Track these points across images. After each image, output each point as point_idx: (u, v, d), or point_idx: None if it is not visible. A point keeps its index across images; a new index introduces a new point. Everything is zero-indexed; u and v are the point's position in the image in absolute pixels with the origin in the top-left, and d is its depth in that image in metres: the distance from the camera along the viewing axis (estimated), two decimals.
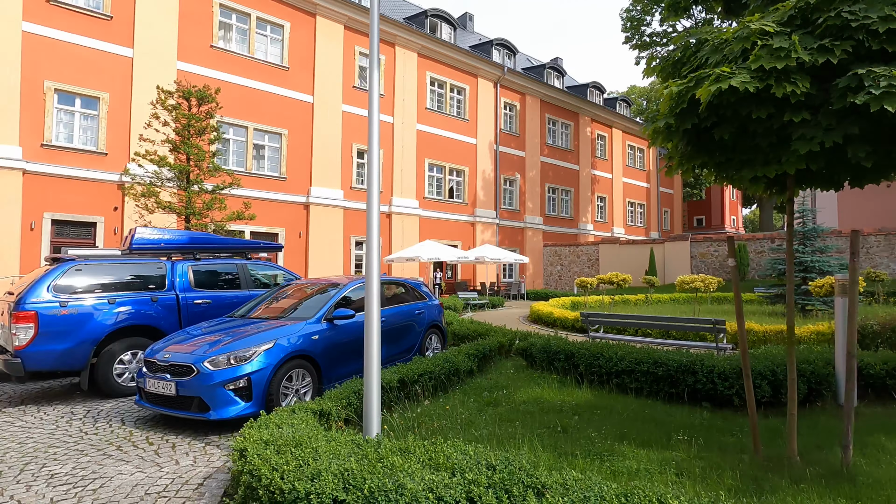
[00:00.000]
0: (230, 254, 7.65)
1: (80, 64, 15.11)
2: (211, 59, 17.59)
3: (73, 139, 15.17)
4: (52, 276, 5.48)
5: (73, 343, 5.44)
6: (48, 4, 14.69)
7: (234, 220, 12.84)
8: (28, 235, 14.25)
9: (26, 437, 4.41)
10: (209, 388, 4.24)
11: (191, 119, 12.35)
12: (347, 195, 21.18)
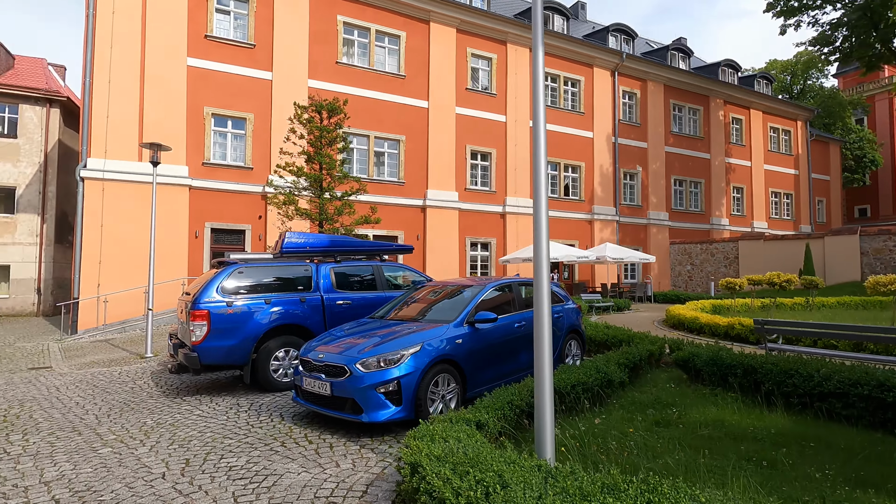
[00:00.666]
0: (364, 256, 7.88)
1: (231, 89, 17.01)
2: (336, 74, 18.77)
3: (226, 157, 17.12)
4: (219, 279, 6.00)
5: (238, 340, 5.90)
6: (206, 40, 16.76)
7: (361, 224, 13.44)
8: (193, 242, 16.34)
9: (204, 427, 4.79)
10: (362, 391, 4.24)
11: (322, 130, 13.20)
12: (462, 197, 21.28)
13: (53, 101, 21.92)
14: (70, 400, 6.16)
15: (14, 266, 21.05)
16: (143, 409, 5.55)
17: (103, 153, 15.14)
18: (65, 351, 11.22)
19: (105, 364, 9.15)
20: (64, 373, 8.33)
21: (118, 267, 14.98)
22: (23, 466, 3.83)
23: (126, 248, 15.09)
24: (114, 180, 15.19)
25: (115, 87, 15.33)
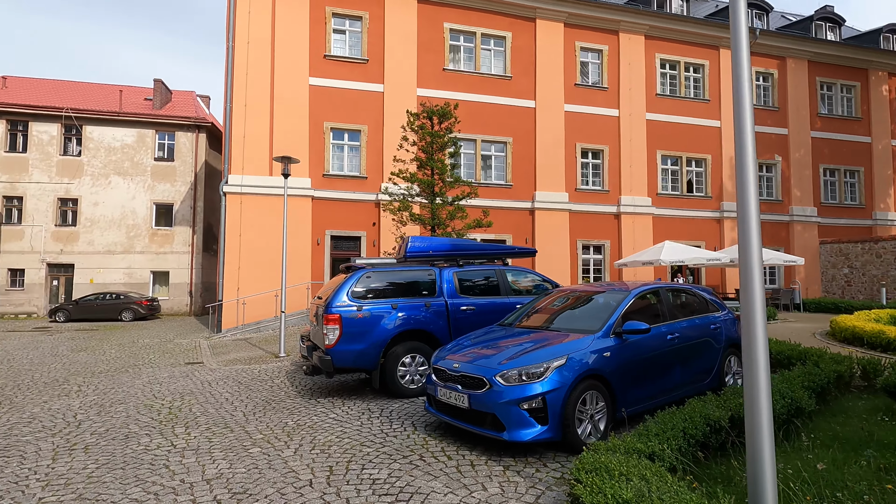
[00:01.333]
0: (485, 259, 7.60)
1: (347, 104, 17.96)
2: (443, 81, 18.96)
3: (343, 168, 18.08)
4: (349, 283, 6.09)
5: (368, 344, 5.92)
6: (324, 60, 17.89)
7: (473, 228, 13.27)
8: (315, 249, 17.44)
9: (341, 432, 4.79)
10: (503, 406, 3.89)
11: (434, 136, 13.29)
12: (573, 197, 20.30)
13: (201, 127, 24.98)
14: (220, 395, 6.64)
15: (172, 272, 24.25)
16: (283, 409, 5.76)
17: (241, 169, 16.79)
18: (212, 348, 12.46)
19: (246, 362, 9.92)
20: (213, 369, 9.16)
21: (254, 272, 16.47)
22: (187, 461, 4.05)
23: (260, 255, 16.55)
24: (249, 194, 16.76)
25: (250, 109, 16.95)
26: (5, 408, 6.15)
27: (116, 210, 23.69)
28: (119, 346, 13.16)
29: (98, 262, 23.45)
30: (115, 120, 23.84)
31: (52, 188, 23.14)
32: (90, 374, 8.80)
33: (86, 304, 20.68)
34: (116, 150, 23.89)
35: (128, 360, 10.54)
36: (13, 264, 22.64)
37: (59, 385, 7.74)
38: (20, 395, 7.03)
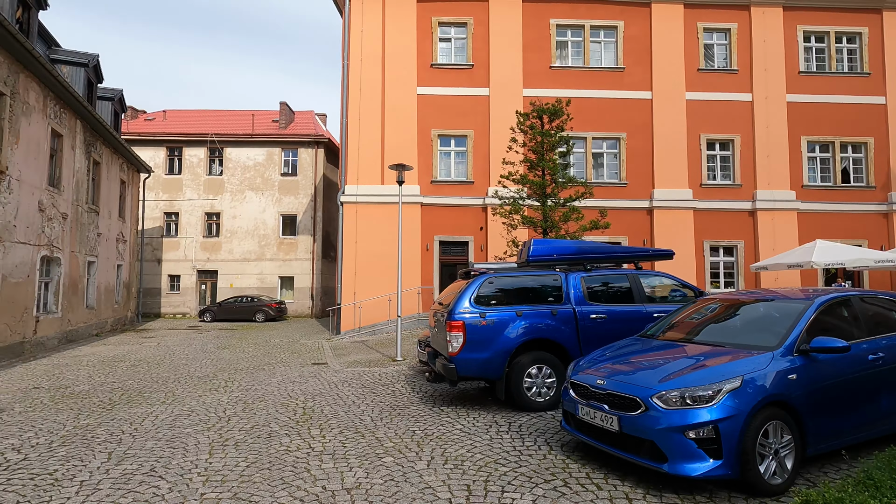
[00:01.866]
0: (614, 263, 6.97)
1: (453, 110, 18.10)
2: (550, 79, 18.31)
3: (450, 173, 18.24)
4: (472, 289, 5.88)
5: (492, 353, 5.66)
6: (431, 69, 18.23)
7: (589, 230, 12.51)
8: (424, 255, 17.76)
9: (472, 446, 4.57)
10: (664, 433, 3.36)
11: (544, 135, 12.78)
12: (697, 194, 18.38)
13: (320, 143, 26.93)
14: (347, 398, 6.82)
15: (296, 277, 26.35)
16: (409, 416, 5.70)
17: (356, 180, 17.68)
18: (334, 349, 13.14)
19: (366, 364, 10.25)
20: (337, 370, 9.57)
21: (368, 277, 17.21)
22: (326, 466, 4.08)
23: (373, 261, 17.25)
24: (364, 203, 17.58)
25: (364, 122, 17.81)
26: (169, 399, 6.88)
27: (250, 222, 26.39)
28: (255, 344, 14.45)
29: (236, 269, 26.29)
30: (248, 141, 26.63)
31: (200, 204, 26.46)
32: (233, 370, 9.66)
33: (227, 305, 23.23)
34: (250, 168, 26.66)
35: (263, 358, 11.46)
36: (172, 271, 26.24)
37: (209, 380, 8.57)
38: (180, 387, 7.87)
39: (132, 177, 21.00)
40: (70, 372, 9.66)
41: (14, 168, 11.30)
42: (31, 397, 7.19)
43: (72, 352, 12.76)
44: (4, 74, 10.83)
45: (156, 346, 13.90)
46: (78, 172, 15.06)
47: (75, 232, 14.86)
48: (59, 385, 8.21)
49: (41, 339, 12.78)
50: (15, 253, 11.41)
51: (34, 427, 5.40)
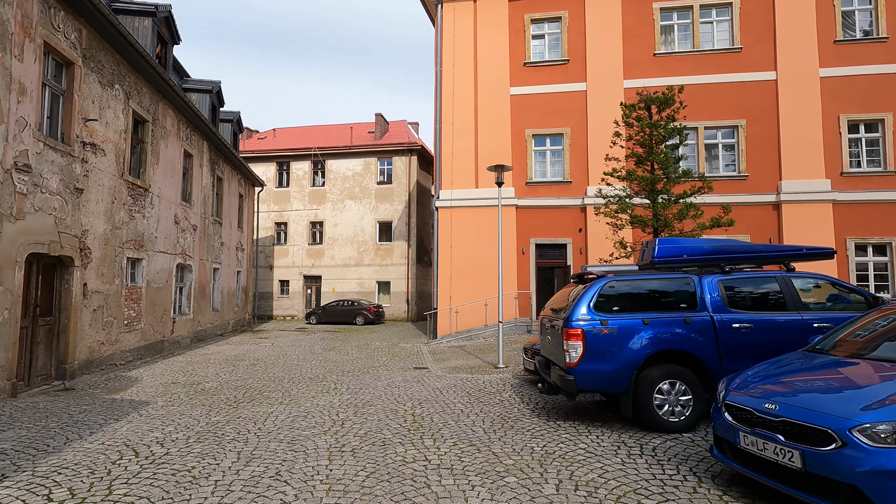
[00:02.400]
0: (756, 264, 6.05)
1: (547, 108, 17.47)
2: (653, 67, 16.98)
3: (545, 174, 17.60)
4: (591, 294, 5.38)
5: (616, 365, 5.11)
6: (524, 68, 17.77)
7: (709, 228, 11.26)
8: (520, 258, 17.27)
9: (601, 469, 4.09)
10: (874, 477, 2.65)
11: (654, 127, 11.77)
12: (837, 184, 15.94)
13: (413, 151, 27.54)
14: (454, 406, 6.61)
15: (393, 282, 27.11)
16: (523, 430, 5.34)
17: (450, 184, 17.71)
18: (432, 354, 13.13)
19: (467, 370, 10.03)
20: (439, 375, 9.46)
21: (463, 282, 17.11)
22: (446, 482, 3.85)
23: (468, 266, 17.13)
24: (458, 207, 17.54)
25: (457, 127, 17.82)
26: (286, 400, 7.15)
27: (349, 229, 27.69)
28: (357, 347, 14.94)
29: (337, 274, 27.69)
30: (347, 153, 28.01)
31: (305, 214, 28.29)
32: (341, 372, 9.96)
33: (330, 309, 24.50)
34: (349, 178, 28.00)
35: (366, 361, 11.73)
36: (282, 277, 28.31)
37: (319, 381, 8.87)
38: (294, 388, 8.21)
39: (248, 190, 22.98)
40: (200, 369, 10.58)
41: (155, 185, 12.74)
42: (170, 392, 7.89)
43: (201, 350, 14.08)
44: (147, 104, 12.26)
45: (270, 347, 14.90)
46: (205, 188, 16.71)
47: (203, 241, 16.48)
48: (193, 381, 8.97)
49: (177, 338, 14.26)
50: (157, 261, 12.84)
51: (174, 422, 5.83)
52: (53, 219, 8.54)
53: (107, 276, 10.35)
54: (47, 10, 8.28)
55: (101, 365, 10.19)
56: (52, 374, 8.83)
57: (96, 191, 9.91)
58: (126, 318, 11.30)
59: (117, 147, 10.75)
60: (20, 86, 7.64)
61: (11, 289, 7.48)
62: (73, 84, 9.15)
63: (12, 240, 7.51)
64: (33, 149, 7.97)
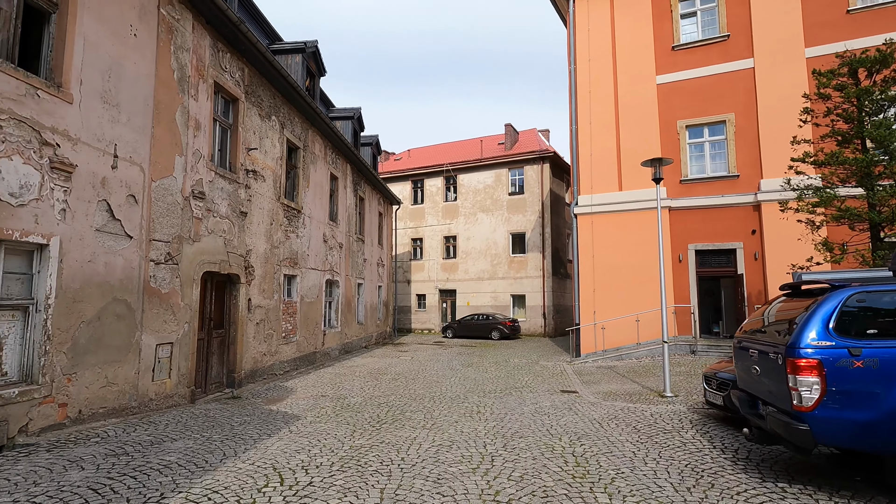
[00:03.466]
0: None
1: (704, 94, 15.16)
2: (847, 27, 13.69)
3: (704, 169, 15.22)
4: (828, 311, 3.90)
5: (880, 413, 3.57)
6: (672, 52, 15.72)
7: None
8: (677, 267, 15.07)
9: None
10: None
11: (863, 95, 9.20)
12: None
13: (545, 159, 26.44)
14: (623, 446, 5.47)
15: (528, 295, 26.08)
16: (730, 493, 4.03)
17: (590, 189, 16.29)
18: (579, 375, 11.85)
19: (625, 398, 8.66)
20: (592, 402, 8.26)
21: (609, 295, 15.46)
22: None
23: (614, 277, 15.45)
24: (600, 213, 16.02)
25: (595, 126, 16.39)
26: (429, 424, 6.68)
27: (482, 242, 27.44)
28: (495, 364, 14.26)
29: (471, 288, 27.56)
30: (478, 166, 27.95)
31: (439, 229, 28.82)
32: (482, 392, 9.31)
33: (466, 323, 24.34)
34: (480, 191, 27.87)
35: (507, 380, 10.95)
36: (419, 291, 29.11)
37: (461, 402, 8.32)
38: (436, 409, 7.75)
39: (387, 208, 24.06)
40: (347, 381, 10.81)
41: (307, 207, 13.67)
42: (319, 406, 7.98)
43: (348, 362, 14.66)
44: (298, 132, 13.26)
45: (410, 361, 14.97)
46: (349, 208, 17.70)
47: (348, 258, 17.40)
48: (339, 395, 9.08)
49: (327, 350, 15.07)
50: (309, 277, 13.71)
51: (319, 442, 5.67)
52: (223, 240, 9.39)
53: (267, 292, 11.18)
54: (216, 54, 9.23)
55: (263, 374, 10.98)
56: (223, 382, 9.65)
57: (257, 213, 10.80)
58: (284, 331, 12.12)
59: (274, 173, 11.68)
60: (196, 122, 8.53)
61: (190, 304, 8.28)
62: (237, 118, 10.10)
63: (191, 260, 8.34)
64: (206, 177, 8.85)
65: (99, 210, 6.38)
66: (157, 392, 7.45)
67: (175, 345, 7.88)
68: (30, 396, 5.37)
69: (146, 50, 7.34)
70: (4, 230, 5.12)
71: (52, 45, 5.91)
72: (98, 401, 6.32)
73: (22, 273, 5.51)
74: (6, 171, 5.16)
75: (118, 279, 6.68)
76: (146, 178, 7.29)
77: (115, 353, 6.61)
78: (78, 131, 6.07)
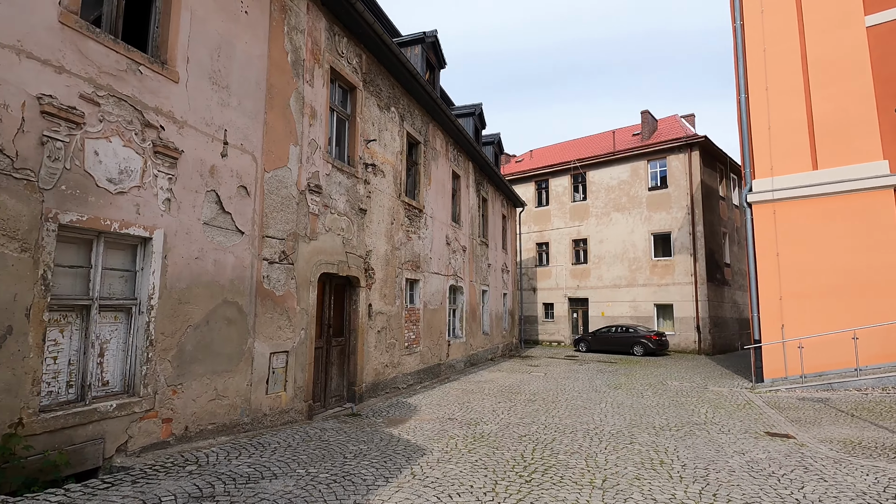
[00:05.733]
0: None
1: None
2: None
3: None
4: None
5: None
6: None
7: None
8: None
9: None
10: None
11: None
12: None
13: (692, 146, 22.74)
14: None
15: (675, 305, 22.46)
16: None
17: (769, 171, 12.93)
18: (778, 409, 8.91)
19: (882, 452, 5.86)
20: (831, 456, 5.66)
21: (805, 304, 11.95)
22: None
23: (813, 282, 11.92)
24: (786, 199, 12.59)
25: (774, 92, 13.02)
26: (598, 479, 4.84)
27: (618, 245, 24.43)
28: (649, 385, 11.74)
29: (606, 296, 24.64)
30: (610, 160, 25.09)
31: (567, 232, 26.43)
32: (651, 428, 7.15)
33: (601, 335, 21.60)
34: (613, 189, 24.94)
35: (675, 410, 8.55)
36: (545, 299, 26.93)
37: (627, 442, 6.30)
38: (598, 451, 5.86)
39: (510, 211, 22.47)
40: (476, 401, 9.34)
41: (428, 206, 12.65)
42: (448, 434, 6.58)
43: (474, 376, 13.25)
44: (419, 125, 12.32)
45: (543, 378, 13.09)
46: (471, 209, 16.46)
47: (472, 263, 16.12)
48: (470, 419, 7.62)
49: (451, 362, 13.84)
50: (432, 282, 12.62)
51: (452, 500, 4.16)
52: (341, 239, 8.57)
53: (388, 297, 10.24)
54: (332, 38, 8.52)
55: (385, 388, 9.99)
56: (343, 396, 8.79)
57: (377, 211, 9.92)
58: (406, 341, 11.10)
59: (394, 168, 10.79)
60: (311, 109, 7.81)
61: (307, 308, 7.48)
62: (355, 107, 9.33)
63: (307, 260, 7.56)
64: (323, 170, 8.09)
65: (207, 201, 5.73)
66: (272, 407, 6.67)
67: (291, 354, 7.10)
68: (129, 410, 4.71)
69: (258, 29, 6.71)
70: (102, 220, 4.53)
71: (158, 19, 5.39)
72: (206, 416, 5.60)
73: (125, 270, 4.94)
74: (104, 154, 4.59)
75: (228, 279, 5.98)
76: (258, 169, 6.61)
77: (225, 362, 5.90)
78: (184, 113, 5.47)
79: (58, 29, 4.25)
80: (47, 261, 4.08)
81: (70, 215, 4.26)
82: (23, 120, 3.97)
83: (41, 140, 4.09)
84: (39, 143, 4.08)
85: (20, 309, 3.88)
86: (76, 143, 4.36)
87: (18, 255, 3.90)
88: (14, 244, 3.87)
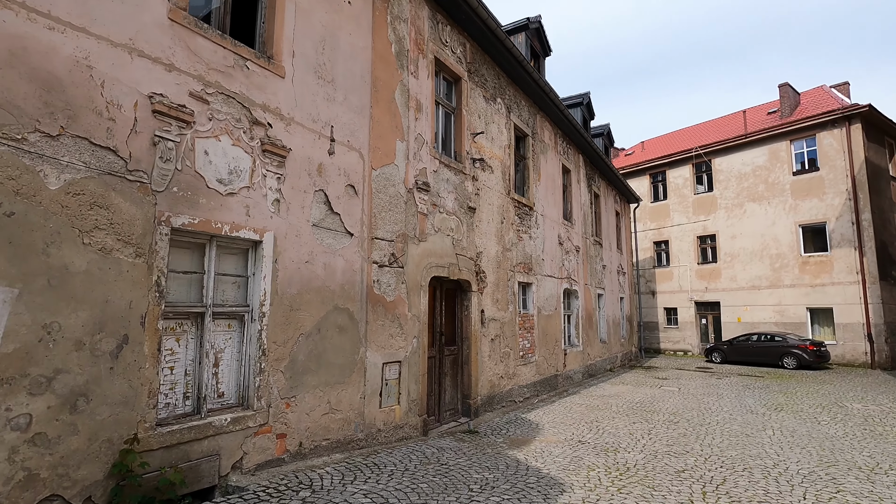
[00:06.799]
0: None
1: None
2: None
3: None
4: None
5: None
6: None
7: None
8: None
9: None
10: None
11: None
12: None
13: (850, 118, 19.06)
14: None
15: (836, 308, 18.86)
16: None
17: None
18: None
19: None
20: None
21: None
22: None
23: None
24: None
25: None
26: None
27: (755, 240, 21.22)
28: (822, 407, 9.55)
29: (742, 299, 21.49)
30: (740, 144, 21.96)
31: (689, 228, 23.63)
32: (856, 470, 5.47)
33: (739, 345, 18.76)
34: (747, 176, 21.77)
35: (878, 444, 6.61)
36: (666, 303, 24.30)
37: (830, 491, 4.79)
38: (785, 496, 4.48)
39: (624, 208, 20.57)
40: (605, 419, 8.15)
41: (538, 204, 11.68)
42: (584, 464, 5.58)
43: (595, 389, 11.93)
44: (526, 117, 11.43)
45: (678, 393, 11.37)
46: (583, 205, 15.12)
47: (586, 264, 14.76)
48: (604, 443, 6.52)
49: (569, 373, 12.64)
50: (545, 286, 11.60)
51: None
52: (451, 240, 7.97)
53: (501, 303, 9.44)
54: (436, 26, 8.00)
55: (501, 401, 9.18)
56: (458, 410, 8.13)
57: (486, 210, 9.20)
58: (521, 349, 10.21)
59: (503, 163, 10.01)
60: (416, 102, 7.33)
61: (418, 315, 6.95)
62: (461, 99, 8.72)
63: (416, 263, 7.04)
64: (430, 166, 7.55)
65: (316, 202, 5.40)
66: (385, 421, 6.18)
67: (403, 364, 6.58)
68: (244, 424, 4.43)
69: (361, 19, 6.34)
70: (213, 223, 4.30)
71: (263, 13, 5.18)
72: (321, 431, 5.23)
73: (237, 275, 4.71)
74: (213, 154, 4.38)
75: (338, 284, 5.60)
76: (366, 166, 6.21)
77: (337, 373, 5.50)
78: (291, 110, 5.18)
79: (167, 26, 4.10)
80: (161, 266, 3.89)
81: (182, 218, 4.06)
82: (135, 120, 3.82)
83: (153, 140, 3.92)
84: (151, 143, 3.91)
85: (135, 317, 3.70)
86: (186, 143, 4.17)
87: (133, 261, 3.72)
88: (129, 249, 3.71)
